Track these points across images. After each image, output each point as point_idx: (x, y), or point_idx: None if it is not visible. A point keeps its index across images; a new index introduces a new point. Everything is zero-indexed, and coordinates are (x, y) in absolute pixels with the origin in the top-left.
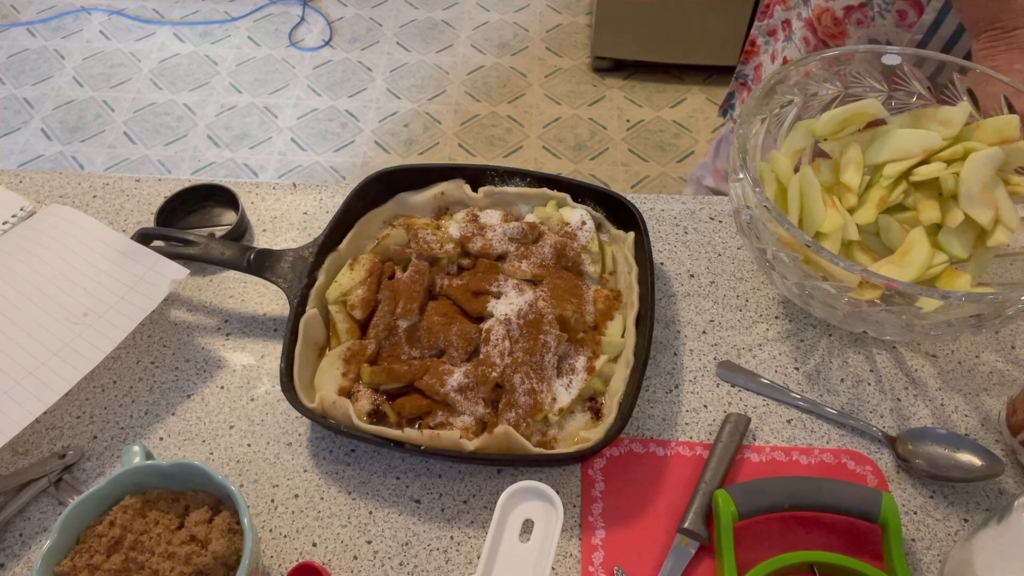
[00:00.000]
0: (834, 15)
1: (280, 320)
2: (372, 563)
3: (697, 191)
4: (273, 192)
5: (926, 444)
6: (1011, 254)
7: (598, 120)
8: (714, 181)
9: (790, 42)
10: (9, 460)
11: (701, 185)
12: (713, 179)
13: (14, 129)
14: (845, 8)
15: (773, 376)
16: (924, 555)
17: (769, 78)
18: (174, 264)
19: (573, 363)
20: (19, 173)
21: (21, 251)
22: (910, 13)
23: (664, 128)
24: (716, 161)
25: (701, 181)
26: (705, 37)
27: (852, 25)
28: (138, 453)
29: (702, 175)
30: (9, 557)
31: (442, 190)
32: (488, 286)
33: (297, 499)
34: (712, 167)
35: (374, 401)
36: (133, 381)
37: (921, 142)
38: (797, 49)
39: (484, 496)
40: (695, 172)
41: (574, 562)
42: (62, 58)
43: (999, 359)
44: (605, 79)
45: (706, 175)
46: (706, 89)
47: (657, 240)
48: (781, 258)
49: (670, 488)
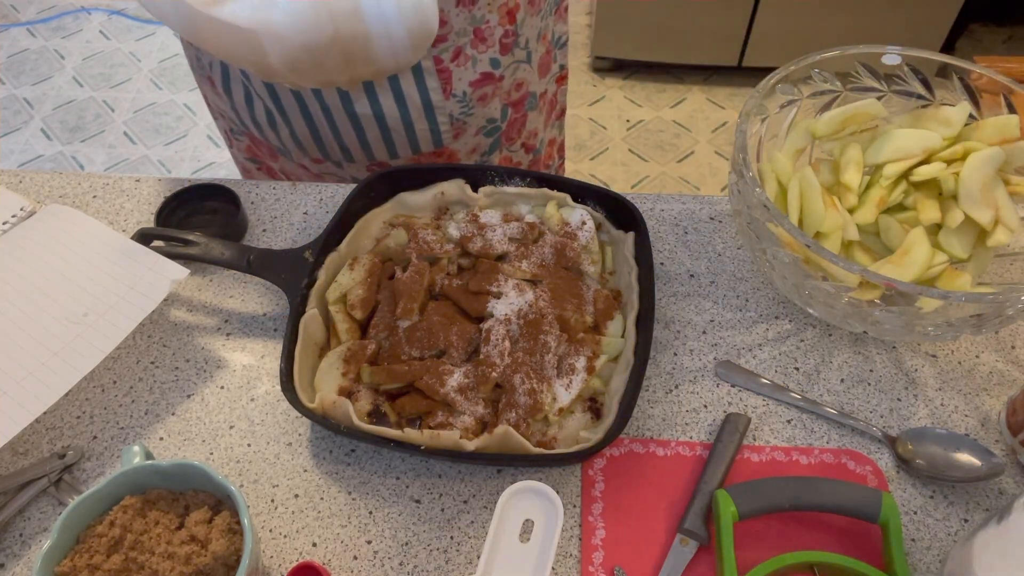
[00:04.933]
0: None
1: (280, 320)
2: (372, 563)
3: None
4: (273, 192)
5: (926, 444)
6: (1011, 254)
7: (598, 120)
8: None
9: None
10: (9, 460)
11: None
12: None
13: (14, 129)
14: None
15: (773, 376)
16: (924, 555)
17: (769, 78)
18: (174, 264)
19: (573, 363)
20: (19, 173)
21: (21, 251)
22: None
23: (664, 128)
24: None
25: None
26: (705, 37)
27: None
28: (138, 453)
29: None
30: (9, 557)
31: (442, 190)
32: (488, 286)
33: (297, 499)
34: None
35: (374, 401)
36: (133, 381)
37: (921, 142)
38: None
39: (484, 496)
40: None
41: (574, 562)
42: (62, 58)
43: (999, 359)
44: (605, 79)
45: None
46: (706, 89)
47: (657, 240)
48: (781, 258)
49: (670, 488)
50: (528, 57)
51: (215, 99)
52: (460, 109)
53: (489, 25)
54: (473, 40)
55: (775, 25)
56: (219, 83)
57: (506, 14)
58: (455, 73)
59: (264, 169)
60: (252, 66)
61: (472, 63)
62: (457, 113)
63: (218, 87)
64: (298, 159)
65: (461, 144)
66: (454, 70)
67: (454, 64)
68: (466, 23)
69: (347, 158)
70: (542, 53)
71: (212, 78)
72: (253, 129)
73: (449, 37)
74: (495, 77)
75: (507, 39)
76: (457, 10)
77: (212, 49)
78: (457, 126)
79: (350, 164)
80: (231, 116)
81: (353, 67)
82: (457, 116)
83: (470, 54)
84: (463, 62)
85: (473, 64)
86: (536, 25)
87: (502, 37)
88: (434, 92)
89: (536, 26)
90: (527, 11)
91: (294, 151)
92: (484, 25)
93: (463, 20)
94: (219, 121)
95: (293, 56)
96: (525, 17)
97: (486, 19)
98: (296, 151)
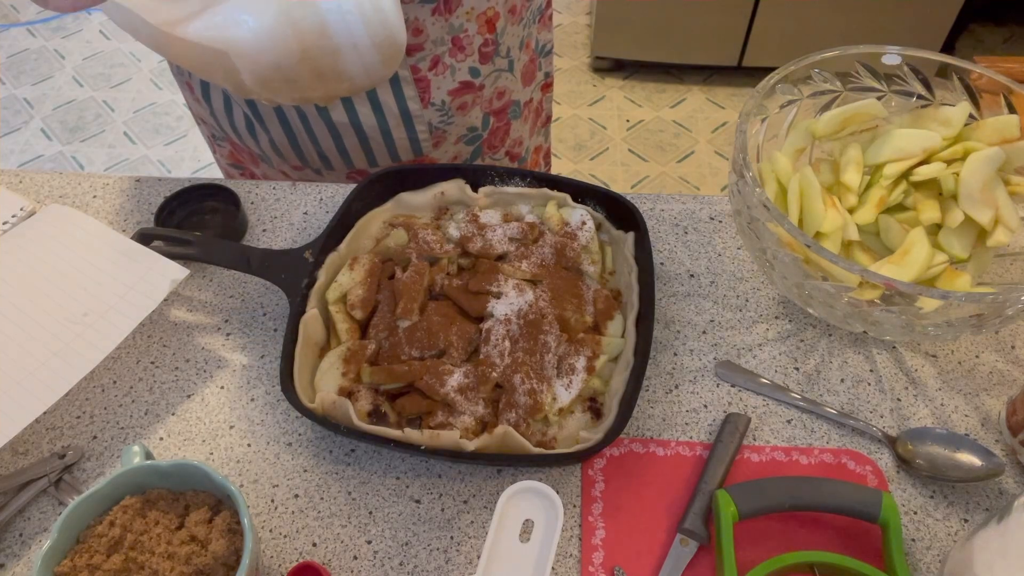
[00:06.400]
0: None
1: (280, 320)
2: (372, 563)
3: None
4: (273, 192)
5: (926, 444)
6: (1011, 254)
7: (598, 120)
8: None
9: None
10: (9, 460)
11: None
12: None
13: (14, 129)
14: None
15: (773, 376)
16: (924, 555)
17: (769, 78)
18: (174, 264)
19: (573, 363)
20: (19, 173)
21: (21, 251)
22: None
23: (664, 128)
24: None
25: None
26: (705, 37)
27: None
28: (138, 453)
29: None
30: (9, 557)
31: (442, 190)
32: (488, 286)
33: (297, 499)
34: None
35: (374, 401)
36: (133, 381)
37: (921, 142)
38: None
39: (484, 496)
40: None
41: (574, 562)
42: (62, 58)
43: (999, 359)
44: (605, 79)
45: None
46: (706, 89)
47: (657, 240)
48: (781, 258)
49: (670, 488)
50: (510, 66)
51: (195, 105)
52: (439, 118)
53: (468, 34)
54: (451, 49)
55: (775, 25)
56: (198, 90)
57: (485, 23)
58: (433, 82)
59: (247, 175)
60: (226, 83)
61: (451, 72)
62: (436, 122)
63: (197, 93)
64: (279, 166)
65: (441, 152)
66: (432, 79)
67: (432, 73)
68: (443, 32)
69: (326, 166)
70: (525, 61)
71: (191, 84)
72: (233, 136)
73: (426, 46)
74: (475, 86)
75: (487, 48)
76: (433, 19)
77: (187, 66)
78: (437, 135)
79: (329, 172)
80: (211, 122)
81: (326, 84)
82: (436, 125)
83: (448, 63)
84: (441, 71)
85: (452, 73)
86: (518, 34)
87: (481, 46)
88: (412, 101)
89: (518, 35)
90: (507, 20)
91: (274, 158)
92: (462, 34)
93: (440, 29)
94: (201, 127)
95: (263, 74)
96: (506, 26)
97: (464, 28)
98: (276, 158)
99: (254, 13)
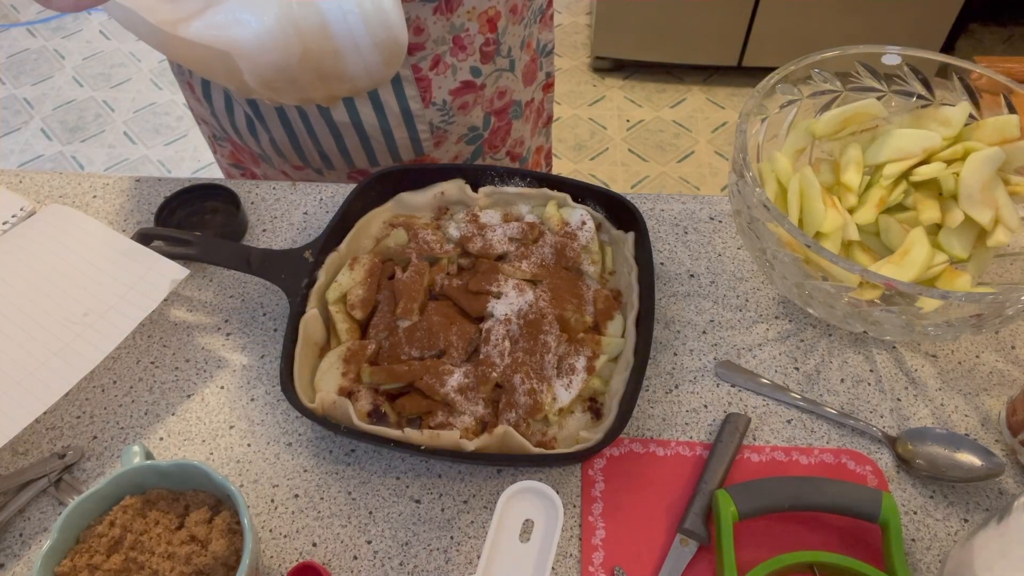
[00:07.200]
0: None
1: (280, 320)
2: (372, 563)
3: None
4: (273, 192)
5: (926, 444)
6: (1011, 254)
7: (598, 120)
8: None
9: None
10: (9, 460)
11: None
12: None
13: (14, 129)
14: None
15: (773, 376)
16: (924, 555)
17: (769, 78)
18: (174, 264)
19: (573, 363)
20: (19, 173)
21: (21, 251)
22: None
23: (664, 128)
24: None
25: None
26: (705, 37)
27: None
28: (138, 453)
29: None
30: (9, 557)
31: (442, 190)
32: (488, 286)
33: (297, 499)
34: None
35: (374, 401)
36: (133, 381)
37: (921, 142)
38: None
39: (484, 496)
40: None
41: (574, 562)
42: (62, 58)
43: (999, 359)
44: (605, 79)
45: None
46: (706, 89)
47: (657, 240)
48: (781, 258)
49: (670, 488)
50: (511, 66)
51: (196, 105)
52: (440, 117)
53: (469, 33)
54: (452, 48)
55: (775, 25)
56: (199, 89)
57: (486, 22)
58: (435, 81)
59: (248, 175)
60: (228, 83)
61: (452, 71)
62: (437, 121)
63: (198, 93)
64: (279, 166)
65: (442, 152)
66: (433, 78)
67: (433, 72)
68: (444, 31)
69: (327, 165)
70: (527, 61)
71: (192, 84)
72: (234, 135)
73: (427, 45)
74: (476, 85)
75: (488, 47)
76: (435, 18)
77: (189, 65)
78: (438, 134)
79: (330, 171)
80: (212, 122)
81: (328, 84)
82: (437, 124)
83: (449, 62)
84: (443, 70)
85: (453, 72)
86: (519, 33)
87: (482, 45)
88: (413, 100)
89: (519, 34)
90: (509, 19)
91: (275, 157)
92: (463, 33)
93: (441, 28)
94: (202, 127)
95: (265, 75)
96: (507, 25)
97: (465, 27)
98: (277, 158)
99: (255, 13)
